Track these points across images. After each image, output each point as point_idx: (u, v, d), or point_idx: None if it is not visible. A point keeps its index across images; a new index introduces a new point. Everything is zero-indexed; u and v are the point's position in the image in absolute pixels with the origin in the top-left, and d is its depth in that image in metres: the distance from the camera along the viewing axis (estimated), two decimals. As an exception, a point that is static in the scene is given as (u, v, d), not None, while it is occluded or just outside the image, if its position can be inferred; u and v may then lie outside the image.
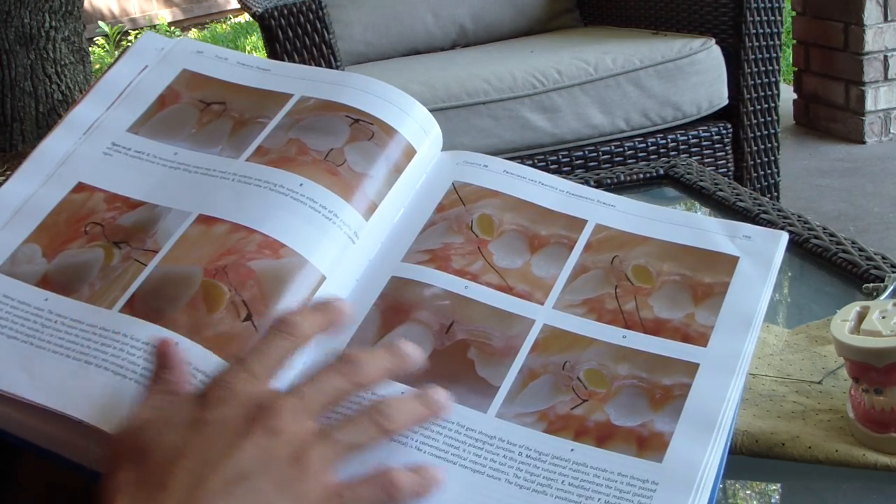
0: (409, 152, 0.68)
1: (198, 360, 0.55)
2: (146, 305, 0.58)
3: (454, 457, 0.55)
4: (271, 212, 0.61)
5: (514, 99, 2.21)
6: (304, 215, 0.62)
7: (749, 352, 0.60)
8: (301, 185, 0.63)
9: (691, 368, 0.59)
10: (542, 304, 0.62)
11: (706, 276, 0.64)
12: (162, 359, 0.54)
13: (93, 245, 0.62)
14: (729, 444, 0.57)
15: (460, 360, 0.59)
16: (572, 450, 0.55)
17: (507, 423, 0.56)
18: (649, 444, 0.55)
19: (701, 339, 0.61)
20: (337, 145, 0.65)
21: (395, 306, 0.62)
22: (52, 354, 0.56)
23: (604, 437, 0.56)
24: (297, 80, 0.71)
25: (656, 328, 0.61)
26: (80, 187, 0.65)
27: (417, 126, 0.69)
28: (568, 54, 2.30)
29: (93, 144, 0.68)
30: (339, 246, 0.62)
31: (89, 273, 0.60)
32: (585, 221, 0.67)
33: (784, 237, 0.67)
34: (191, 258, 0.60)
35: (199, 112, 0.69)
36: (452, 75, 2.25)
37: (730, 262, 0.65)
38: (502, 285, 0.63)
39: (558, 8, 2.74)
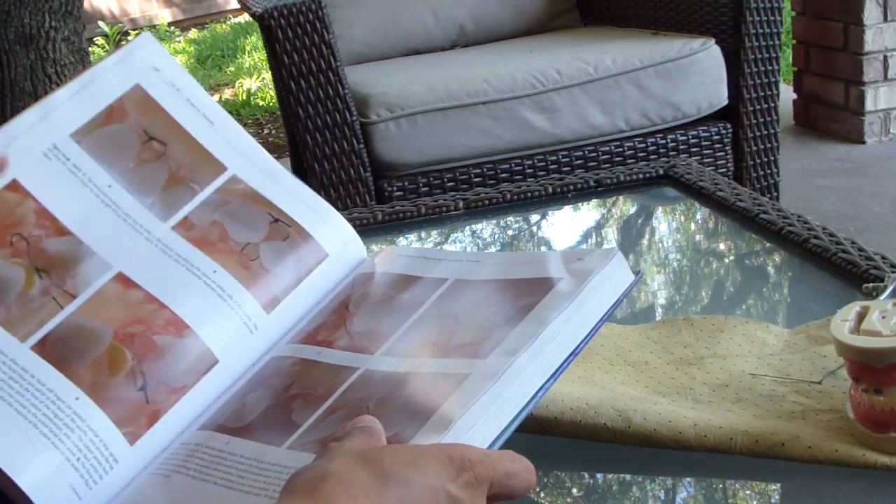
0: (321, 256, 0.73)
1: (91, 419, 0.59)
2: (56, 351, 0.62)
3: (239, 484, 0.58)
4: (184, 291, 0.67)
5: (514, 99, 2.21)
6: (212, 301, 0.67)
7: (519, 367, 0.59)
8: (215, 271, 0.68)
9: (456, 380, 0.59)
10: (372, 354, 0.65)
11: (523, 299, 0.64)
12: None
13: (15, 262, 0.65)
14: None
15: (283, 409, 0.63)
16: None
17: (291, 451, 0.59)
18: None
19: (482, 352, 0.61)
20: (254, 240, 0.71)
21: (259, 377, 0.67)
22: None
23: None
24: (236, 152, 0.74)
25: (450, 352, 0.62)
26: (15, 185, 0.67)
27: (335, 236, 0.74)
28: (568, 54, 2.30)
29: (37, 138, 0.69)
30: (238, 335, 0.67)
31: (8, 293, 0.63)
32: (446, 280, 0.70)
33: (612, 254, 0.65)
34: (104, 317, 0.64)
35: (141, 144, 0.71)
36: (452, 75, 2.25)
37: (550, 284, 0.65)
38: (350, 345, 0.66)
39: (558, 8, 2.74)
